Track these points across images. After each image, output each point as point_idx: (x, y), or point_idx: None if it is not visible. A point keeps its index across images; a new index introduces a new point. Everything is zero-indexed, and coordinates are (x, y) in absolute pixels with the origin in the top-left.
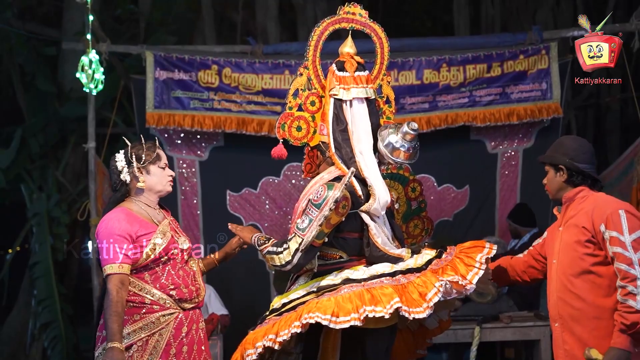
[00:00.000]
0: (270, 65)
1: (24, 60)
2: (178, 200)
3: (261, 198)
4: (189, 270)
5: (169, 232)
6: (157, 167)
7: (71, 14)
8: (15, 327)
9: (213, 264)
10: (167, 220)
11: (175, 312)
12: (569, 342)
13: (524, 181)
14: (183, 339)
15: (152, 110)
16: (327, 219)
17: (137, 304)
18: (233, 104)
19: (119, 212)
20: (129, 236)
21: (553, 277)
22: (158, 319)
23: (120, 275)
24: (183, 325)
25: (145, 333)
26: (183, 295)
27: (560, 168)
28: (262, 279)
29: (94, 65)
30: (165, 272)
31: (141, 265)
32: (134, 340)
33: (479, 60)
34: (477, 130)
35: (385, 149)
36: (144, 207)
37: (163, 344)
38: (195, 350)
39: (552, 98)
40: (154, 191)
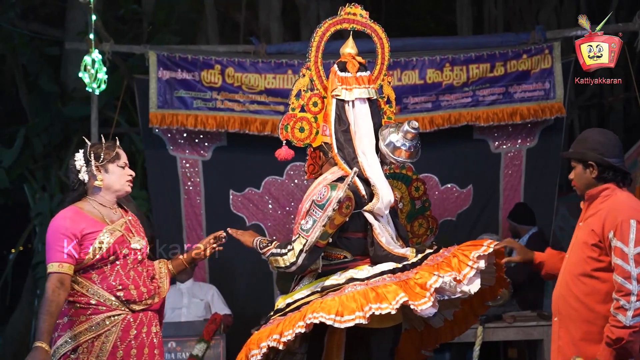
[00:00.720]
0: (273, 65)
1: (27, 60)
2: (181, 200)
3: (264, 198)
4: (142, 271)
5: (118, 231)
6: (116, 165)
7: (74, 14)
8: (18, 327)
9: (182, 266)
10: (124, 219)
11: (122, 314)
12: (563, 339)
13: (528, 181)
14: (131, 342)
15: (155, 110)
16: (330, 220)
17: (83, 305)
18: (236, 104)
19: (67, 210)
20: (73, 235)
21: (561, 272)
22: (104, 320)
23: (59, 275)
24: (131, 327)
25: (91, 335)
26: (131, 296)
27: (590, 164)
28: (265, 279)
29: (96, 65)
30: (114, 272)
31: (88, 264)
32: (80, 342)
33: (482, 60)
34: (480, 129)
35: (387, 148)
36: (97, 206)
37: (109, 347)
38: (146, 353)
39: (555, 98)
40: (111, 190)
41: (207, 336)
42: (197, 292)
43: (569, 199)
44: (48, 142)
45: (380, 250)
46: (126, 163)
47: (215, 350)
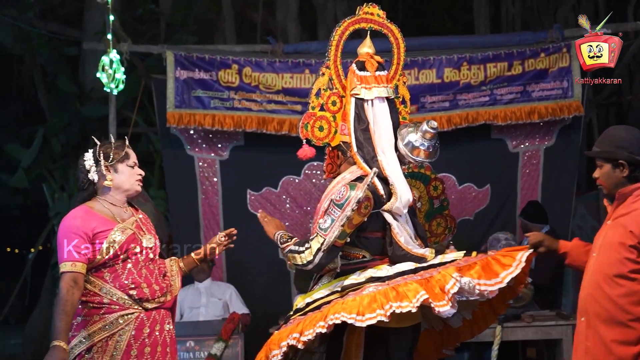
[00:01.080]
0: (291, 65)
1: (46, 60)
2: (199, 199)
3: (282, 197)
4: (154, 268)
5: (129, 229)
6: (125, 165)
7: (92, 14)
8: (38, 327)
9: (193, 264)
10: (135, 218)
11: (135, 312)
12: (591, 340)
13: (545, 180)
14: (145, 340)
15: (173, 109)
16: (349, 220)
17: (96, 305)
18: (253, 103)
19: (78, 210)
20: (84, 234)
21: (589, 270)
22: (117, 319)
23: (73, 274)
24: (144, 325)
25: (105, 334)
26: (144, 294)
27: (620, 163)
28: (283, 278)
29: (114, 65)
30: (126, 271)
31: (100, 262)
32: (94, 342)
33: (499, 59)
34: (498, 129)
35: (405, 147)
36: (107, 205)
37: (123, 345)
38: (159, 351)
39: (574, 96)
40: (121, 190)
41: (225, 335)
42: (215, 291)
43: (587, 198)
44: (66, 142)
45: (398, 249)
46: (135, 162)
47: (233, 349)
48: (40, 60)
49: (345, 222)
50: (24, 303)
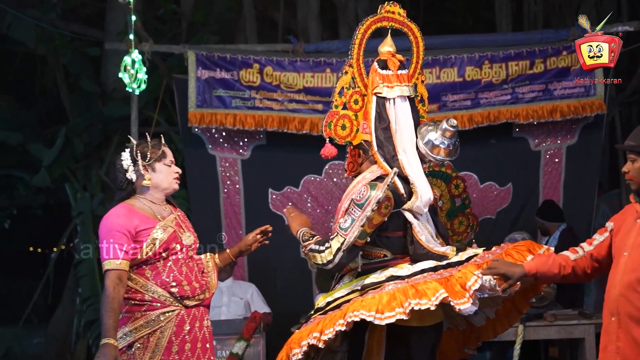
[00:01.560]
0: (312, 64)
1: (68, 60)
2: (220, 198)
3: (303, 196)
4: (194, 266)
5: (170, 227)
6: (162, 164)
7: (114, 15)
8: (60, 326)
9: (229, 260)
10: (173, 215)
11: (176, 310)
12: (623, 340)
13: (568, 179)
14: (185, 337)
15: (195, 109)
16: (369, 219)
17: (138, 302)
18: (274, 103)
19: (119, 208)
20: (128, 232)
21: (620, 270)
22: (158, 316)
23: (118, 272)
24: (185, 322)
25: (147, 331)
26: (184, 292)
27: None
28: (304, 278)
29: (136, 65)
30: (167, 268)
31: (142, 260)
32: (136, 338)
33: (521, 57)
34: (520, 127)
35: (425, 146)
36: (147, 203)
37: (165, 342)
38: (199, 347)
39: (596, 94)
40: (159, 189)
41: (247, 334)
42: (236, 290)
43: (609, 197)
44: (89, 142)
45: (420, 248)
46: (172, 160)
47: (255, 348)
48: (62, 61)
49: (366, 222)
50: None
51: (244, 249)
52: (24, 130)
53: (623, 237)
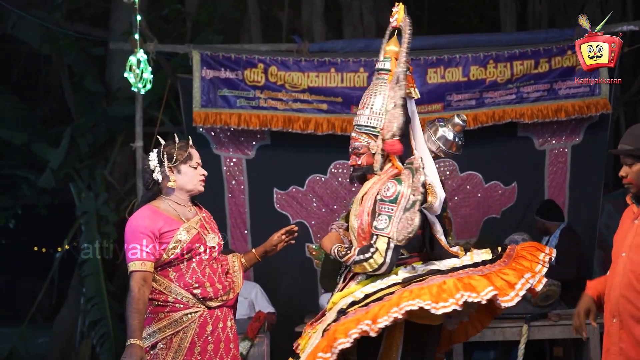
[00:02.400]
0: (316, 64)
1: (73, 60)
2: (225, 198)
3: (308, 196)
4: (217, 267)
5: (194, 229)
6: (188, 166)
7: (119, 14)
8: (65, 325)
9: (255, 259)
10: (199, 217)
11: (199, 311)
12: (626, 341)
13: (573, 178)
14: (208, 337)
15: (199, 109)
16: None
17: (161, 303)
18: (279, 102)
19: (145, 209)
20: (152, 233)
21: (619, 271)
22: (181, 317)
23: (142, 273)
24: (207, 323)
25: (170, 331)
26: (207, 294)
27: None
28: (309, 277)
29: (142, 65)
30: (190, 270)
31: (165, 261)
32: (159, 339)
33: (526, 57)
34: (525, 127)
35: (439, 141)
36: (173, 205)
37: (187, 343)
38: (223, 348)
39: (601, 94)
40: (184, 190)
41: (251, 334)
42: (241, 290)
43: (614, 197)
44: (93, 142)
45: (439, 247)
46: (199, 162)
47: (259, 348)
48: (67, 61)
49: (408, 216)
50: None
51: (269, 249)
52: (29, 130)
53: (621, 239)
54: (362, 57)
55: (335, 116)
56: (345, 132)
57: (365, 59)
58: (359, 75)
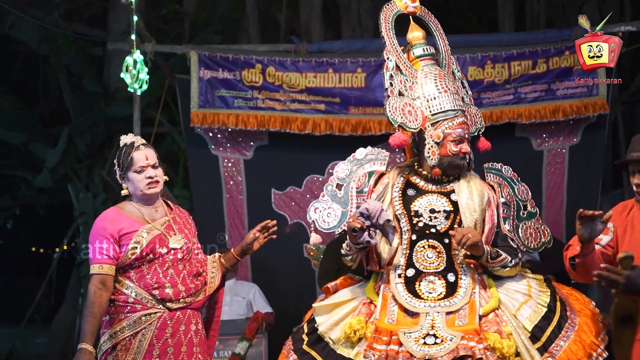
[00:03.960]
0: (314, 64)
1: (71, 60)
2: (223, 198)
3: (306, 196)
4: (183, 268)
5: (156, 230)
6: (132, 172)
7: (117, 15)
8: (63, 326)
9: (234, 259)
10: (167, 218)
11: (158, 312)
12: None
13: (571, 179)
14: (167, 340)
15: (197, 109)
16: None
17: (122, 303)
18: (277, 103)
19: (108, 211)
20: (111, 236)
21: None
22: (140, 318)
23: (100, 276)
24: (167, 325)
25: (129, 332)
26: (166, 295)
27: None
28: (307, 277)
29: (138, 66)
30: (152, 271)
31: (126, 263)
32: (119, 340)
33: (524, 57)
34: (522, 127)
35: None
36: (137, 206)
37: (146, 344)
38: (184, 352)
39: (599, 94)
40: (137, 196)
41: (249, 334)
42: (239, 290)
43: (612, 197)
44: (91, 142)
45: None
46: (142, 166)
47: (257, 348)
48: (65, 61)
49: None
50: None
51: (245, 248)
52: (27, 130)
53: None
54: (360, 58)
55: (333, 116)
56: (343, 132)
57: (363, 60)
58: (357, 76)
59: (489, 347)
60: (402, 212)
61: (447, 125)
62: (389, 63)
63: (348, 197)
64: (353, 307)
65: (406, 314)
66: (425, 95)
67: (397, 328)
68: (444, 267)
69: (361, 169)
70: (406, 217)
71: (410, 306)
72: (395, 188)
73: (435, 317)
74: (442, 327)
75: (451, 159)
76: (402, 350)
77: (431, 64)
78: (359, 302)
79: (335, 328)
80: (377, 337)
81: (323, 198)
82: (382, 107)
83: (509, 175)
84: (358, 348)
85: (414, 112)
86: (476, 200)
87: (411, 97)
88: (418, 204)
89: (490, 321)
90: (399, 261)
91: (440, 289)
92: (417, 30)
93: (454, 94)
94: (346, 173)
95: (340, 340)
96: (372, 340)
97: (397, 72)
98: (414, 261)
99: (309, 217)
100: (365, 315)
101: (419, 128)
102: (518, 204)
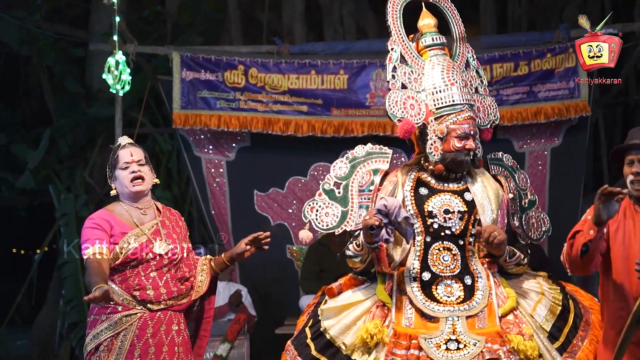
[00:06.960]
0: (297, 65)
1: (53, 61)
2: (208, 200)
3: (288, 198)
4: (167, 272)
5: (144, 236)
6: (119, 170)
7: (99, 16)
8: (44, 327)
9: (223, 264)
10: (155, 221)
11: (138, 313)
12: None
13: (552, 180)
14: (148, 340)
15: (179, 110)
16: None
17: (104, 304)
18: (259, 104)
19: (99, 212)
20: (104, 230)
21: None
22: (121, 319)
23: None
24: (148, 326)
25: (111, 333)
26: (147, 297)
27: None
28: (290, 279)
29: (120, 67)
30: (134, 274)
31: (111, 266)
32: (101, 340)
33: (505, 59)
34: (504, 129)
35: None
36: (126, 208)
37: (127, 345)
38: (166, 352)
39: (580, 96)
40: (125, 196)
41: (231, 336)
42: (227, 292)
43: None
44: (73, 143)
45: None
46: (127, 162)
47: (239, 350)
48: (47, 62)
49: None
50: (30, 304)
51: (234, 256)
52: (8, 131)
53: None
54: (342, 59)
55: (316, 118)
56: (325, 133)
57: (346, 61)
58: (339, 77)
59: (512, 349)
60: (415, 213)
61: (452, 120)
62: (392, 54)
63: (348, 195)
64: (365, 310)
65: (424, 317)
66: (431, 87)
67: (416, 332)
68: (460, 269)
69: (363, 167)
70: (419, 217)
71: (429, 310)
72: (407, 187)
73: (456, 321)
74: (464, 331)
75: (454, 155)
76: (422, 355)
77: (441, 54)
78: (372, 304)
79: (348, 332)
80: (397, 341)
81: (320, 197)
82: (364, 109)
83: (509, 164)
84: (375, 354)
85: (417, 106)
86: (493, 200)
87: (415, 90)
88: (432, 204)
89: (510, 322)
90: (412, 264)
91: (458, 292)
92: (429, 18)
93: (462, 86)
94: (345, 171)
95: (354, 345)
96: (391, 345)
97: (401, 64)
98: (430, 264)
99: (305, 217)
100: (380, 318)
101: (421, 122)
102: (520, 194)
